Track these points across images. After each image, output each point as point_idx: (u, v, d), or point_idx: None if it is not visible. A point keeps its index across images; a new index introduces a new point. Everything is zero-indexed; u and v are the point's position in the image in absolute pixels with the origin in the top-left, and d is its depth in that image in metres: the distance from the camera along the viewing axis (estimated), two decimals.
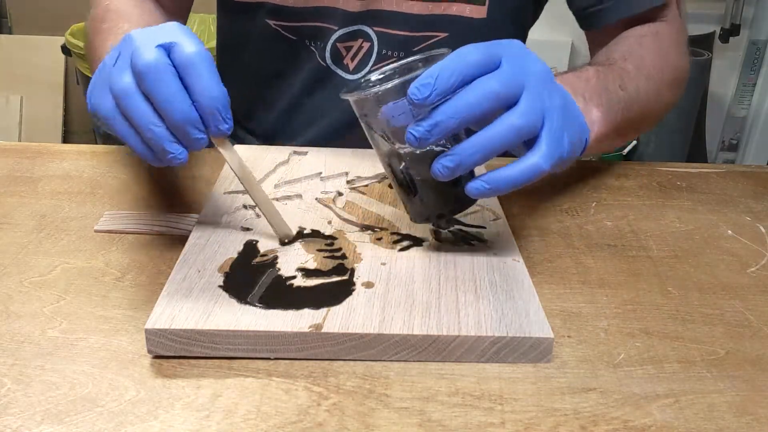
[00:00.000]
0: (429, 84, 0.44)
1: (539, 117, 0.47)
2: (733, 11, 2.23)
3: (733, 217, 0.66)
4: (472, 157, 0.46)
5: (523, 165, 0.47)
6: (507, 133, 0.46)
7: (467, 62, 0.45)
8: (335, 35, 0.79)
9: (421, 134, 0.45)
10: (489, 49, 0.46)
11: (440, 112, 0.45)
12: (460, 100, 0.45)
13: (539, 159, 0.47)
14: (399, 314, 0.45)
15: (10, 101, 2.33)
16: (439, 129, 0.45)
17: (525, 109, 0.46)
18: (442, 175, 0.47)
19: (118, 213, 0.61)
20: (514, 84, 0.46)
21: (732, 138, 2.46)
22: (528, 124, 0.46)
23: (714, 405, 0.42)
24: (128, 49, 0.47)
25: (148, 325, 0.43)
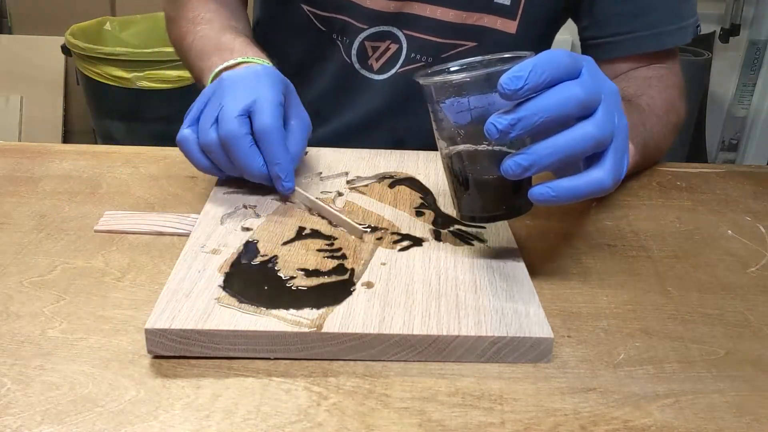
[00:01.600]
0: (522, 77, 0.43)
1: (611, 132, 0.47)
2: (733, 11, 2.23)
3: (733, 217, 0.66)
4: (548, 158, 0.45)
5: (588, 178, 0.46)
6: (584, 140, 0.45)
7: (558, 64, 0.45)
8: (364, 33, 0.80)
9: (503, 126, 0.44)
10: (574, 57, 0.46)
11: (526, 108, 0.44)
12: (547, 99, 0.44)
13: (604, 175, 0.46)
14: (399, 314, 0.45)
15: (10, 101, 2.32)
16: (522, 124, 0.44)
17: (602, 121, 0.46)
18: (513, 172, 0.45)
19: (118, 213, 0.61)
20: (595, 94, 0.46)
21: (732, 138, 2.46)
22: (603, 136, 0.46)
23: (714, 405, 0.42)
24: (216, 105, 0.58)
25: (148, 325, 0.43)
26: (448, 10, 0.78)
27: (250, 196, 0.62)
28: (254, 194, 0.62)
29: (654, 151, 0.73)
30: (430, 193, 0.64)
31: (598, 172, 0.46)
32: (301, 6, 0.81)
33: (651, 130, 0.70)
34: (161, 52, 1.87)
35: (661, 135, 0.73)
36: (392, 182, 0.66)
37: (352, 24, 0.80)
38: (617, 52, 0.78)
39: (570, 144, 0.45)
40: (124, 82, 1.90)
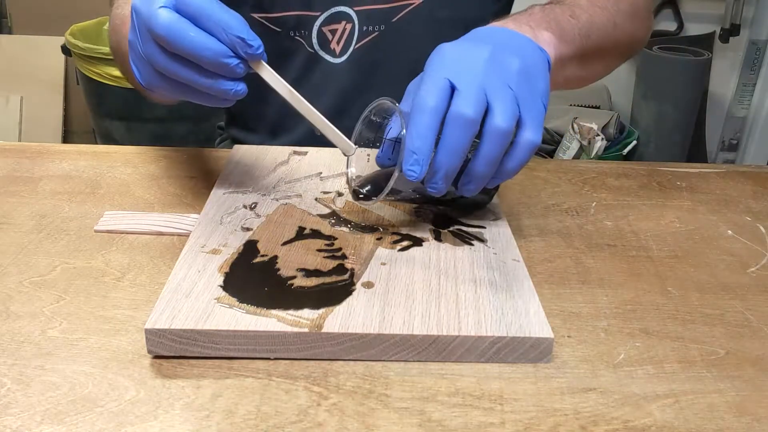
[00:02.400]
0: (416, 159, 0.48)
1: (514, 104, 0.49)
2: (733, 11, 2.23)
3: (733, 217, 0.66)
4: (484, 179, 0.50)
5: (520, 149, 0.50)
6: (500, 143, 0.48)
7: (430, 112, 0.48)
8: (319, 20, 0.80)
9: (439, 189, 0.50)
10: (436, 81, 0.49)
11: (438, 162, 0.48)
12: (447, 146, 0.48)
13: (530, 135, 0.50)
14: (399, 314, 0.45)
15: (10, 101, 2.32)
16: (447, 173, 0.49)
17: (500, 110, 0.48)
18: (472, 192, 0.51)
19: (118, 213, 0.61)
20: (477, 98, 0.48)
21: (732, 138, 2.46)
22: (510, 121, 0.48)
23: (714, 405, 0.42)
24: (141, 21, 0.49)
25: (148, 325, 0.43)
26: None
27: (250, 196, 0.62)
28: (254, 194, 0.62)
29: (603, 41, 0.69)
30: None
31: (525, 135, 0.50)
32: (251, 16, 0.81)
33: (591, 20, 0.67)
34: None
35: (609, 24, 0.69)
36: None
37: (305, 15, 0.80)
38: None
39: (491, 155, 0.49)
40: (124, 82, 1.90)
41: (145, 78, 0.52)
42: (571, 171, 0.75)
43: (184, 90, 0.51)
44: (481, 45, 0.52)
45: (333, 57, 0.82)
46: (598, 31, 0.67)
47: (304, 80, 0.83)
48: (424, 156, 0.48)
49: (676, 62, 2.11)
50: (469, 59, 0.50)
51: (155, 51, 0.49)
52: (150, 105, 1.94)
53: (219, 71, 0.49)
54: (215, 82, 0.49)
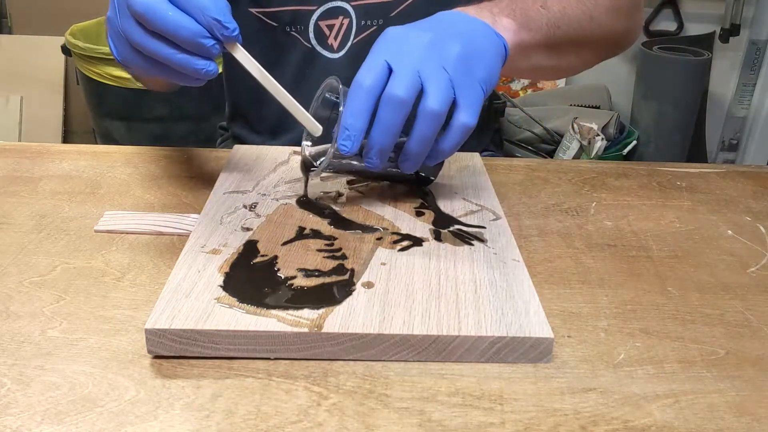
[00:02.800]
0: (348, 135, 0.52)
1: (448, 87, 0.52)
2: (733, 11, 2.23)
3: (733, 217, 0.66)
4: (419, 157, 0.55)
5: (453, 131, 0.54)
6: (432, 124, 0.52)
7: (365, 91, 0.52)
8: (315, 14, 0.80)
9: (375, 164, 0.54)
10: (374, 63, 0.52)
11: (372, 140, 0.53)
12: (380, 125, 0.52)
13: (465, 116, 0.53)
14: (399, 314, 0.45)
15: (10, 101, 2.32)
16: (381, 150, 0.53)
17: (434, 92, 0.51)
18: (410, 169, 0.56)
19: (118, 213, 0.61)
20: (411, 80, 0.51)
21: (732, 138, 2.46)
22: (442, 104, 0.52)
23: (714, 405, 0.42)
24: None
25: (148, 325, 0.43)
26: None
27: (250, 196, 0.62)
28: (254, 194, 0.62)
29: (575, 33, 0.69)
30: (430, 193, 0.64)
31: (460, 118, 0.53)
32: (248, 11, 0.81)
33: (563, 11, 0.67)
34: None
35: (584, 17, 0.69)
36: (391, 182, 0.66)
37: (301, 10, 0.80)
38: None
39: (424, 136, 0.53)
40: (124, 82, 1.90)
41: (121, 54, 0.53)
42: (571, 171, 0.75)
43: (158, 67, 0.51)
44: (426, 30, 0.55)
45: (331, 53, 0.82)
46: (570, 23, 0.68)
47: (302, 76, 0.83)
48: (356, 132, 0.52)
49: (676, 62, 2.11)
50: (410, 43, 0.54)
51: (133, 27, 0.50)
52: (150, 105, 1.94)
53: (195, 51, 0.50)
54: (189, 60, 0.50)
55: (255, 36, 0.82)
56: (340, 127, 0.52)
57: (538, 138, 2.10)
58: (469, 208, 0.62)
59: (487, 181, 0.67)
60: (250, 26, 0.82)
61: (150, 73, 0.53)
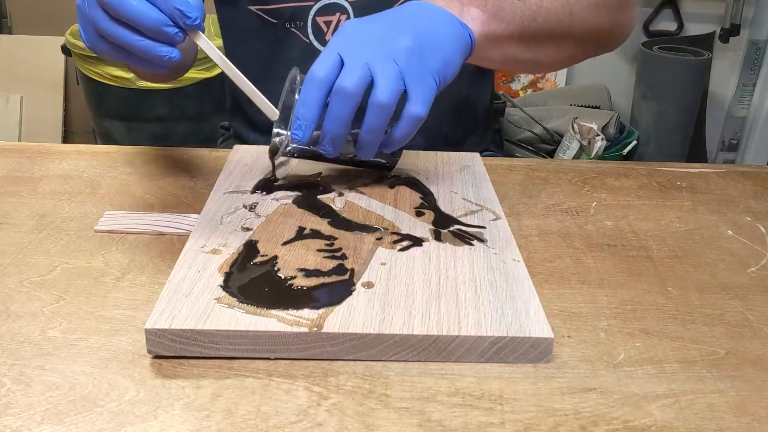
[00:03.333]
0: (299, 125, 0.54)
1: (397, 79, 0.53)
2: (733, 11, 2.23)
3: (733, 217, 0.66)
4: (372, 146, 0.57)
5: (404, 122, 0.55)
6: (380, 115, 0.54)
7: (316, 83, 0.54)
8: (313, 10, 0.80)
9: (329, 151, 0.57)
10: (327, 55, 0.54)
11: (324, 129, 0.55)
12: (331, 115, 0.54)
13: (414, 109, 0.55)
14: (399, 314, 0.45)
15: (10, 101, 2.32)
16: (336, 138, 0.56)
17: (382, 84, 0.53)
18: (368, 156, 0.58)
19: (118, 213, 0.61)
20: (360, 73, 0.53)
21: (732, 138, 2.46)
22: (390, 96, 0.53)
23: (714, 405, 0.42)
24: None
25: (148, 325, 0.43)
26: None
27: (250, 196, 0.62)
28: (254, 194, 0.62)
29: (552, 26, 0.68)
30: (430, 193, 0.64)
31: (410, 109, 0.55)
32: (248, 8, 0.82)
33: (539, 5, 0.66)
34: None
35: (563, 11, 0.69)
36: (392, 182, 0.66)
37: (300, 6, 0.80)
38: None
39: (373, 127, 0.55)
40: (124, 82, 1.91)
41: (89, 40, 0.54)
42: (571, 171, 0.75)
43: (123, 53, 0.53)
44: (381, 22, 0.57)
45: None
46: (548, 16, 0.68)
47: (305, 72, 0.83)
48: (307, 122, 0.54)
49: (676, 62, 2.11)
50: (362, 36, 0.55)
51: (99, 15, 0.51)
52: (150, 105, 1.94)
53: (159, 38, 0.51)
54: (153, 47, 0.51)
55: (255, 33, 0.82)
56: (293, 116, 0.55)
57: (538, 138, 2.10)
58: (469, 208, 0.62)
59: (487, 181, 0.67)
60: (250, 24, 0.82)
61: (117, 59, 0.54)
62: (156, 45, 0.51)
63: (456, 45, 0.58)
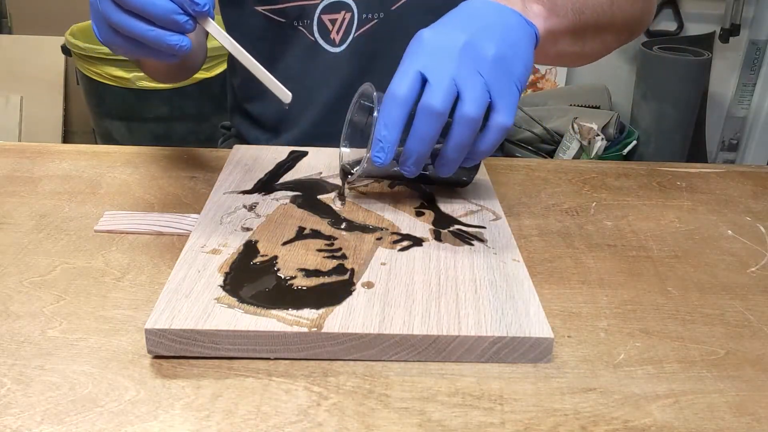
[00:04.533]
0: (381, 147, 0.52)
1: (484, 91, 0.51)
2: (733, 11, 2.23)
3: (733, 217, 0.66)
4: (456, 162, 0.54)
5: (491, 133, 0.53)
6: (468, 130, 0.52)
7: (399, 103, 0.51)
8: (319, 8, 0.80)
9: (411, 172, 0.54)
10: (407, 72, 0.52)
11: (408, 149, 0.53)
12: (417, 135, 0.52)
13: (501, 119, 0.52)
14: (399, 314, 0.45)
15: (10, 101, 2.32)
16: (418, 159, 0.53)
17: (469, 98, 0.51)
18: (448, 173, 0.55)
19: (118, 213, 0.61)
20: (447, 90, 0.51)
21: (732, 138, 2.46)
22: (479, 109, 0.51)
23: (714, 405, 0.42)
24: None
25: (148, 325, 0.43)
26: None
27: (250, 196, 0.62)
28: (254, 194, 0.62)
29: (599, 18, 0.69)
30: (430, 193, 0.64)
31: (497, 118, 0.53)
32: (254, 9, 0.82)
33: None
34: None
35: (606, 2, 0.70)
36: (392, 182, 0.66)
37: (307, 4, 0.80)
38: None
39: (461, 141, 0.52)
40: (124, 82, 1.90)
41: (102, 35, 0.54)
42: (571, 171, 0.75)
43: (136, 45, 0.53)
44: (458, 30, 0.54)
45: (332, 46, 0.82)
46: (594, 8, 0.68)
47: (305, 69, 0.83)
48: (389, 144, 0.52)
49: (676, 62, 2.11)
50: (443, 49, 0.53)
51: (110, 8, 0.51)
52: (150, 105, 1.94)
53: (169, 27, 0.51)
54: (163, 35, 0.51)
55: (261, 33, 0.82)
56: (374, 139, 0.52)
57: (538, 138, 2.10)
58: (469, 208, 0.62)
59: (487, 181, 0.67)
60: (256, 24, 0.82)
61: (130, 52, 0.54)
62: (167, 34, 0.51)
63: (530, 46, 0.56)
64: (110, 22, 0.52)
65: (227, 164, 0.69)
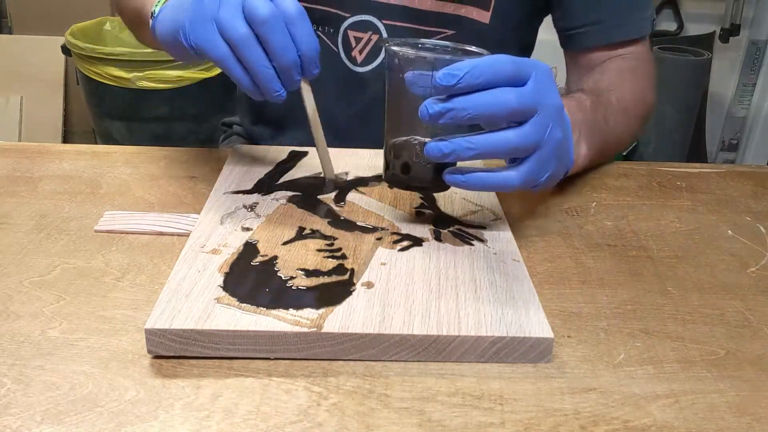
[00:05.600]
0: (456, 76, 0.47)
1: (535, 144, 0.50)
2: (733, 11, 2.23)
3: (733, 217, 0.66)
4: (466, 152, 0.49)
5: (499, 175, 0.51)
6: (504, 145, 0.49)
7: (498, 72, 0.48)
8: (347, 22, 0.80)
9: (434, 112, 0.48)
10: (522, 66, 0.49)
11: (458, 101, 0.48)
12: (479, 100, 0.47)
13: (515, 176, 0.50)
14: (399, 314, 0.45)
15: (10, 101, 2.32)
16: (451, 115, 0.48)
17: (528, 132, 0.49)
18: (433, 155, 0.49)
19: (118, 213, 0.61)
20: (530, 106, 0.49)
21: (732, 138, 2.46)
22: (522, 147, 0.49)
23: (714, 405, 0.42)
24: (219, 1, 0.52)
25: (148, 325, 0.43)
26: (428, 0, 0.79)
27: (250, 196, 0.62)
28: (254, 194, 0.62)
29: (615, 145, 0.76)
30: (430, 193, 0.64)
31: (511, 173, 0.50)
32: None
33: (615, 125, 0.72)
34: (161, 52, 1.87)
35: (625, 127, 0.75)
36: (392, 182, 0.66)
37: (333, 12, 0.80)
38: (587, 42, 0.81)
39: (489, 145, 0.49)
40: (124, 82, 1.90)
41: (203, 44, 0.53)
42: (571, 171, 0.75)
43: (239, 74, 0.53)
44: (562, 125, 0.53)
45: (353, 64, 0.82)
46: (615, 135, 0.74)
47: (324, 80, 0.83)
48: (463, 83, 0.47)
49: (676, 62, 2.11)
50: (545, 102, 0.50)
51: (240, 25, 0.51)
52: (150, 105, 1.94)
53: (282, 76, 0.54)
54: (273, 78, 0.53)
55: None
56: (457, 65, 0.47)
57: None
58: (469, 208, 0.62)
59: None
60: None
61: (226, 70, 0.54)
62: (275, 78, 0.53)
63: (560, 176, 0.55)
64: (231, 36, 0.52)
65: (227, 164, 0.69)
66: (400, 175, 0.57)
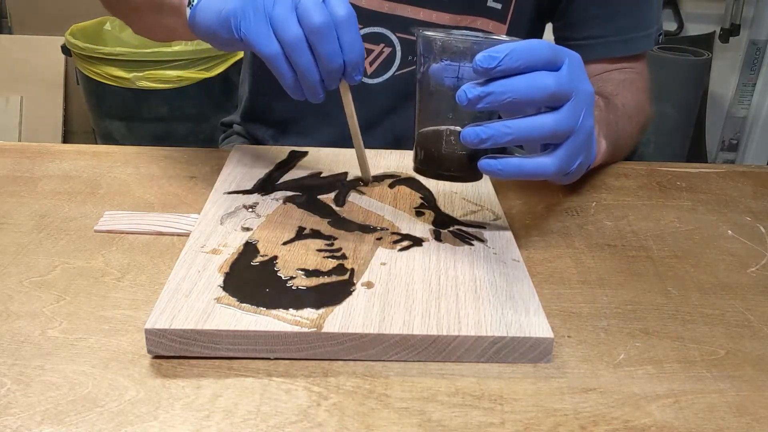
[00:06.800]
0: (496, 58, 0.46)
1: (570, 129, 0.50)
2: (733, 11, 2.23)
3: (733, 217, 0.66)
4: (503, 137, 0.48)
5: (535, 161, 0.50)
6: (540, 129, 0.49)
7: (537, 53, 0.48)
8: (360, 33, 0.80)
9: (473, 96, 0.47)
10: (558, 51, 0.49)
11: (497, 85, 0.47)
12: (519, 83, 0.47)
13: (551, 162, 0.50)
14: (399, 314, 0.45)
15: (10, 101, 2.32)
16: (489, 99, 0.47)
17: (564, 117, 0.49)
18: (469, 140, 0.49)
19: (118, 213, 0.61)
20: (566, 90, 0.49)
21: (732, 138, 2.46)
22: (560, 130, 0.49)
23: (714, 405, 0.42)
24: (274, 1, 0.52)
25: (148, 325, 0.43)
26: (444, 14, 0.79)
27: (250, 196, 0.62)
28: (254, 194, 0.62)
29: (622, 149, 0.77)
30: (430, 193, 0.64)
31: (547, 159, 0.50)
32: None
33: (623, 129, 0.73)
34: (161, 52, 1.87)
35: (629, 134, 0.76)
36: (392, 182, 0.66)
37: None
38: (590, 55, 0.80)
39: (526, 129, 0.48)
40: (124, 82, 1.90)
41: (254, 38, 0.52)
42: None
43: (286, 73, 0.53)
44: None
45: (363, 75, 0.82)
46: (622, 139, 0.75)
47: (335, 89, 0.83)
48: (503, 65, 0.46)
49: (676, 62, 2.11)
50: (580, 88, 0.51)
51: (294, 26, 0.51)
52: (150, 105, 1.94)
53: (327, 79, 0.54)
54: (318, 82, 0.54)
55: None
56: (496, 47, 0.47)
57: None
58: (469, 208, 0.62)
59: (487, 181, 0.67)
60: None
61: (272, 67, 0.54)
62: (320, 83, 0.54)
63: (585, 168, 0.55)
64: (284, 34, 0.51)
65: (227, 164, 0.69)
66: (431, 163, 0.56)
